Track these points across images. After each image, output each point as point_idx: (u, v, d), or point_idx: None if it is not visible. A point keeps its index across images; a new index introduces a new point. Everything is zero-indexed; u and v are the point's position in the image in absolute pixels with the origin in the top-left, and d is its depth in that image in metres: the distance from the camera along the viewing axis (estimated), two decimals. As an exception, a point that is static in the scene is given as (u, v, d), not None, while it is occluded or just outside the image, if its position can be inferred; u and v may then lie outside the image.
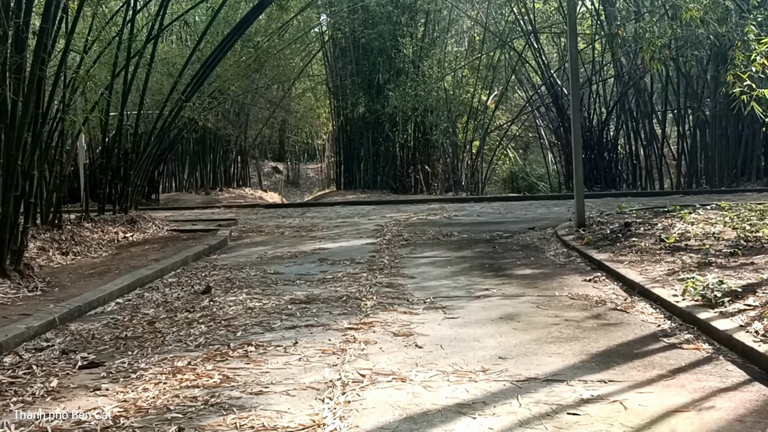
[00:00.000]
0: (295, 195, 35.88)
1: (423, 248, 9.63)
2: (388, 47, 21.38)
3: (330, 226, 12.87)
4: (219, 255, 9.72)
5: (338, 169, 24.78)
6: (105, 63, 12.08)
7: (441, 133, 21.59)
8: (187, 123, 19.01)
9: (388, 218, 13.78)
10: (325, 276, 7.59)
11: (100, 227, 11.35)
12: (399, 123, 22.19)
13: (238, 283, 7.32)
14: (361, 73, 22.05)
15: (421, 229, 11.76)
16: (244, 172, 28.80)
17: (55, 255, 9.76)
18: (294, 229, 12.50)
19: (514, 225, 11.86)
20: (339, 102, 23.20)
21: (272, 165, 39.86)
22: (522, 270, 7.79)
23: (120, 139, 11.96)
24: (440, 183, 22.39)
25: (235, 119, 25.55)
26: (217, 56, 12.75)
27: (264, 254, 9.51)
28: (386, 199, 18.76)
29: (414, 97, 20.96)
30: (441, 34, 22.55)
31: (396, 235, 11.06)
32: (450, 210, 15.08)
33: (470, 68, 22.38)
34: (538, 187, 24.97)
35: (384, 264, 8.27)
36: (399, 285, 6.98)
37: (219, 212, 16.35)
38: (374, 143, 22.50)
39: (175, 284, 7.46)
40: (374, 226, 12.42)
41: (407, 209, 15.65)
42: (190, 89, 12.64)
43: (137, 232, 11.63)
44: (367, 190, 22.02)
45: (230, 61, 16.94)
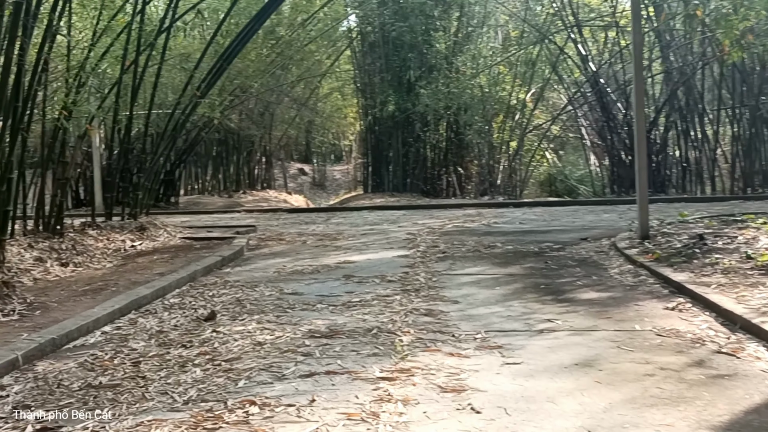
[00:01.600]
0: (321, 197, 34.84)
1: (463, 263, 8.44)
2: (419, 42, 20.20)
3: (356, 234, 11.72)
4: (232, 268, 8.61)
5: (366, 171, 23.63)
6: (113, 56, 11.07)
7: (475, 133, 20.36)
8: (207, 123, 18.00)
9: (420, 225, 12.61)
10: (351, 298, 6.43)
11: (105, 235, 10.31)
12: (431, 122, 21.00)
13: (249, 307, 6.19)
14: (390, 69, 20.89)
15: (459, 238, 10.56)
16: (269, 174, 27.78)
17: (54, 266, 8.75)
18: (317, 237, 11.37)
19: (563, 234, 10.63)
20: (367, 100, 22.05)
21: (298, 166, 38.89)
22: (586, 293, 6.57)
23: (129, 139, 10.92)
24: (474, 186, 21.15)
25: (260, 119, 24.52)
26: (236, 48, 11.67)
27: (282, 268, 8.37)
28: (417, 203, 17.57)
29: (447, 95, 19.75)
30: (476, 28, 21.32)
31: (431, 245, 9.88)
32: (488, 216, 13.86)
33: (507, 64, 21.12)
34: (578, 191, 23.64)
35: (420, 283, 7.09)
36: (440, 312, 5.79)
37: (238, 217, 15.27)
38: (404, 144, 21.31)
39: (176, 307, 6.34)
40: (405, 235, 11.25)
41: (441, 215, 14.45)
42: (206, 85, 11.56)
43: (146, 240, 10.57)
44: (397, 193, 20.83)
45: (252, 56, 15.88)
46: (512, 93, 20.64)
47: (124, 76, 10.71)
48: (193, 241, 10.76)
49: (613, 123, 19.03)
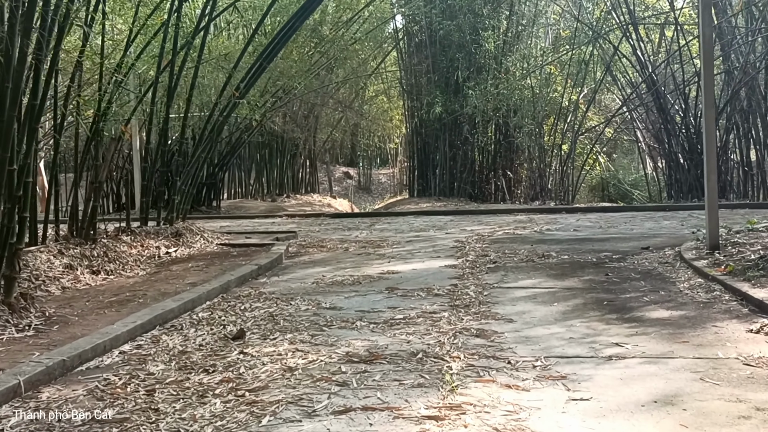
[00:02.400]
0: (366, 201, 34.39)
1: (516, 274, 7.80)
2: (467, 41, 19.58)
3: (401, 241, 11.15)
4: (269, 278, 8.10)
5: (411, 174, 23.07)
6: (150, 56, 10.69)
7: (525, 136, 19.64)
8: (250, 125, 17.62)
9: (468, 232, 12.00)
10: (395, 315, 5.85)
11: (140, 241, 9.89)
12: (479, 124, 20.34)
13: (283, 324, 5.65)
14: (438, 70, 20.30)
15: (510, 247, 9.92)
16: (313, 178, 27.38)
17: (84, 274, 8.37)
18: (360, 244, 10.83)
19: (621, 243, 9.92)
20: (413, 102, 21.50)
21: (343, 170, 38.54)
22: (655, 311, 5.89)
23: (165, 142, 10.50)
24: (524, 191, 20.44)
25: (304, 122, 24.12)
26: (276, 47, 11.19)
27: (321, 278, 7.83)
28: (465, 208, 16.94)
29: (496, 96, 19.11)
30: (526, 27, 20.61)
31: (480, 254, 9.26)
32: (540, 223, 13.17)
33: (558, 64, 20.36)
34: (631, 195, 22.81)
35: (470, 298, 6.48)
36: (493, 333, 5.18)
37: (279, 222, 14.82)
38: (451, 147, 20.71)
39: (204, 322, 5.83)
40: (453, 242, 10.65)
41: (490, 221, 13.82)
42: (246, 85, 11.10)
43: (182, 246, 10.14)
44: (443, 197, 20.23)
45: (294, 56, 15.42)
46: (564, 94, 19.88)
47: (160, 77, 10.29)
48: (230, 248, 10.31)
49: (670, 125, 18.17)
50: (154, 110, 10.30)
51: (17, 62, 5.15)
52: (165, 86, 10.50)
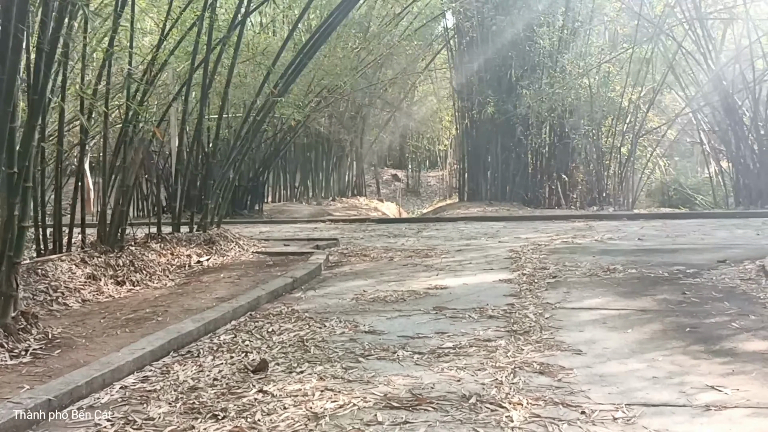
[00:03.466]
0: (414, 204, 33.64)
1: (580, 291, 6.94)
2: (521, 39, 18.67)
3: (451, 250, 10.33)
4: (305, 292, 7.37)
5: (461, 177, 22.21)
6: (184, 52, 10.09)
7: (582, 138, 18.64)
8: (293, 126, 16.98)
9: (523, 240, 11.13)
10: (443, 342, 5.05)
11: (170, 249, 9.26)
12: (532, 126, 19.40)
13: (313, 352, 4.89)
14: (490, 68, 19.43)
15: (570, 258, 9.04)
16: (360, 180, 26.70)
17: (107, 285, 7.77)
18: (406, 253, 10.05)
19: (694, 255, 8.97)
20: (464, 102, 20.63)
21: (391, 172, 37.84)
22: (749, 340, 4.99)
23: (198, 143, 9.85)
24: (580, 195, 19.42)
25: (351, 123, 23.45)
26: (317, 41, 10.47)
27: (362, 294, 7.07)
28: (518, 214, 16.04)
29: (551, 96, 18.15)
30: (583, 23, 19.59)
31: (538, 267, 8.40)
32: (600, 231, 12.23)
33: (617, 62, 19.31)
34: (694, 201, 21.59)
35: (529, 321, 5.64)
36: (560, 370, 4.35)
37: (322, 228, 14.11)
38: (503, 149, 19.80)
39: (225, 348, 5.11)
40: (507, 252, 9.81)
41: (546, 228, 12.92)
42: (285, 82, 10.40)
43: (215, 255, 9.48)
44: (495, 202, 19.33)
45: (339, 53, 14.70)
46: (623, 94, 18.82)
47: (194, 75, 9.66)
48: (267, 257, 9.62)
49: (738, 127, 17.01)
50: (186, 109, 9.66)
51: (11, 51, 4.48)
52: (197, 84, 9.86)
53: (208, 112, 11.73)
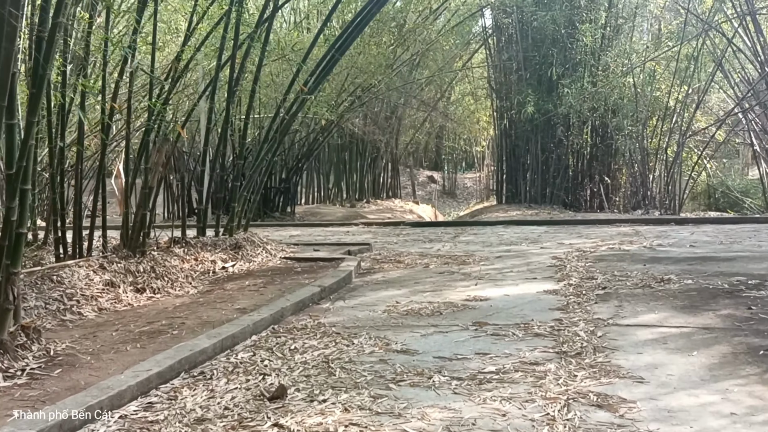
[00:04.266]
0: (450, 206, 33.08)
1: (634, 305, 6.33)
2: (562, 36, 18.00)
3: (490, 256, 9.76)
4: (333, 303, 6.86)
5: (499, 179, 21.57)
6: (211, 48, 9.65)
7: (626, 138, 17.91)
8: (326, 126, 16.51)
9: (566, 246, 10.52)
10: (484, 365, 4.50)
11: (194, 254, 8.83)
12: (573, 126, 18.71)
13: (339, 375, 4.37)
14: (529, 66, 18.78)
15: (619, 266, 8.42)
16: (395, 182, 26.18)
17: (126, 292, 7.36)
18: (442, 259, 9.50)
19: (753, 264, 8.29)
20: (503, 102, 20.00)
21: (427, 174, 37.32)
22: (838, 370, 4.36)
23: (224, 143, 9.39)
24: (623, 198, 18.69)
25: (386, 123, 22.94)
26: (350, 36, 9.95)
27: (394, 305, 6.54)
28: (560, 218, 15.38)
29: (593, 95, 17.46)
30: (627, 20, 18.85)
31: (585, 276, 7.79)
32: (648, 236, 11.56)
33: (663, 60, 18.54)
34: (742, 204, 20.70)
35: (580, 340, 5.06)
36: (620, 402, 3.78)
37: (354, 232, 13.61)
38: (543, 150, 19.14)
39: (241, 369, 4.61)
40: (550, 260, 9.21)
41: (590, 233, 12.28)
42: (315, 79, 9.91)
43: (241, 260, 9.01)
44: (534, 205, 18.68)
45: (373, 50, 14.18)
46: (670, 93, 18.05)
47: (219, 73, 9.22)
48: (295, 263, 9.13)
49: (793, 126, 16.18)
50: (213, 109, 9.21)
51: (5, 39, 4.03)
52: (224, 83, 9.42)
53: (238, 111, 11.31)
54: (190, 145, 16.59)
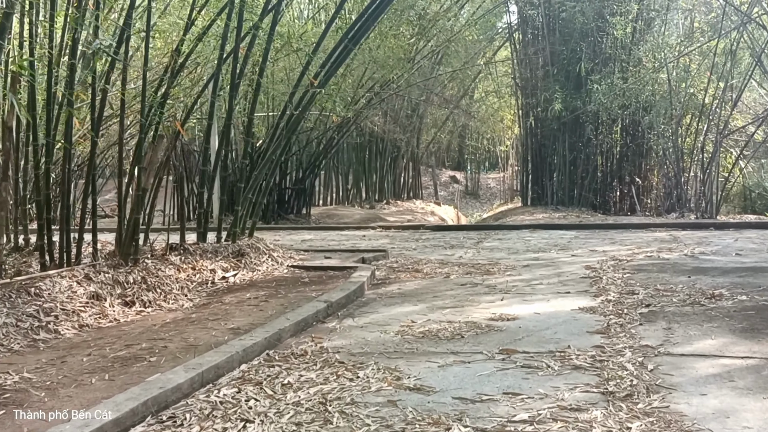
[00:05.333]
0: (473, 207, 32.25)
1: (685, 327, 5.48)
2: (592, 29, 17.09)
3: (516, 265, 8.94)
4: (341, 321, 6.08)
5: (524, 180, 20.69)
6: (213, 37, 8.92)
7: (659, 137, 16.97)
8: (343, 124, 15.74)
9: (599, 254, 9.68)
10: (514, 411, 3.68)
11: (191, 262, 8.08)
12: (603, 124, 17.80)
13: (336, 422, 3.58)
14: (557, 61, 17.90)
15: (660, 278, 7.57)
16: (416, 182, 25.38)
17: (114, 306, 6.68)
18: (464, 268, 8.69)
19: (813, 277, 7.41)
20: (528, 99, 19.11)
21: (450, 174, 36.51)
22: None
23: (227, 141, 8.63)
24: (656, 200, 17.75)
25: (406, 122, 22.15)
26: (365, 24, 9.15)
27: (409, 325, 5.74)
28: (590, 221, 14.49)
29: (624, 91, 16.55)
30: (660, 12, 17.90)
31: (624, 290, 6.95)
32: (688, 243, 10.68)
33: (699, 54, 17.57)
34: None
35: (629, 376, 4.23)
36: (693, 472, 2.95)
37: (371, 236, 12.83)
38: (571, 149, 18.24)
39: (219, 412, 3.82)
40: (583, 269, 8.38)
41: (624, 239, 11.42)
42: (326, 71, 9.13)
43: (244, 269, 8.25)
44: (562, 207, 17.79)
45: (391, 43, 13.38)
46: (706, 89, 17.07)
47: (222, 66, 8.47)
48: (303, 272, 8.36)
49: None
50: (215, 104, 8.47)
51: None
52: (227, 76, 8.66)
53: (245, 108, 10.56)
54: (202, 144, 15.90)
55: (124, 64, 7.78)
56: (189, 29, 8.55)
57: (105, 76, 7.64)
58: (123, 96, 7.82)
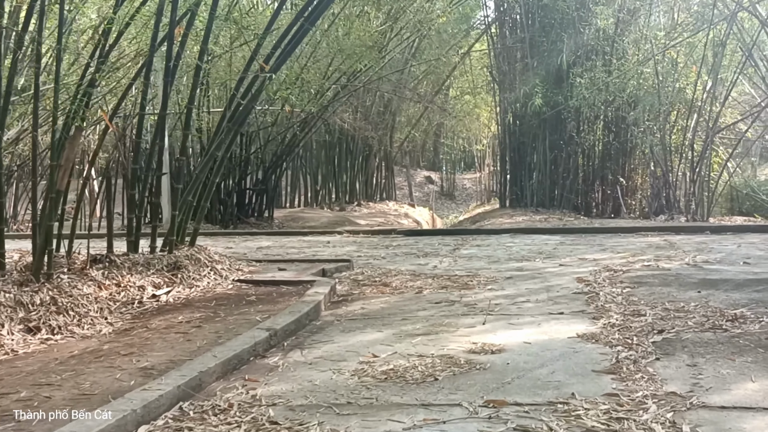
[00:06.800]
0: (449, 209, 31.20)
1: (713, 361, 4.37)
2: (573, 19, 16.04)
3: (498, 277, 7.82)
4: (285, 355, 4.91)
5: (502, 180, 19.61)
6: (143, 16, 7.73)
7: (645, 134, 15.97)
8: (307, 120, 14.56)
9: (591, 263, 8.60)
10: None
11: (116, 277, 6.85)
12: (585, 120, 16.77)
13: None
14: (536, 54, 16.85)
15: (666, 293, 6.49)
16: (389, 183, 24.24)
17: (13, 333, 5.61)
18: (439, 281, 7.56)
19: None
20: (506, 93, 18.02)
21: (425, 174, 35.45)
22: None
23: (161, 135, 7.43)
24: (641, 202, 16.74)
25: (379, 119, 21.01)
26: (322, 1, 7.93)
27: (370, 362, 4.58)
28: (574, 225, 13.42)
29: (608, 85, 15.53)
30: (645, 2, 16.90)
31: (628, 310, 5.84)
32: (686, 249, 9.64)
33: (686, 47, 16.59)
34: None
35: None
36: None
37: (336, 242, 11.67)
38: (552, 147, 17.18)
39: None
40: (575, 282, 7.29)
41: (614, 245, 10.36)
42: (280, 55, 7.94)
43: (180, 285, 7.05)
44: (542, 209, 16.73)
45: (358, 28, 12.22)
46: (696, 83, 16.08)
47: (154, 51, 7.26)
48: (251, 287, 7.18)
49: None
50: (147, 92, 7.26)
51: None
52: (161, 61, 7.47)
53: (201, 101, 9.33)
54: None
55: (37, 47, 6.58)
56: (119, 6, 7.37)
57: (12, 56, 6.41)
58: (37, 83, 6.60)
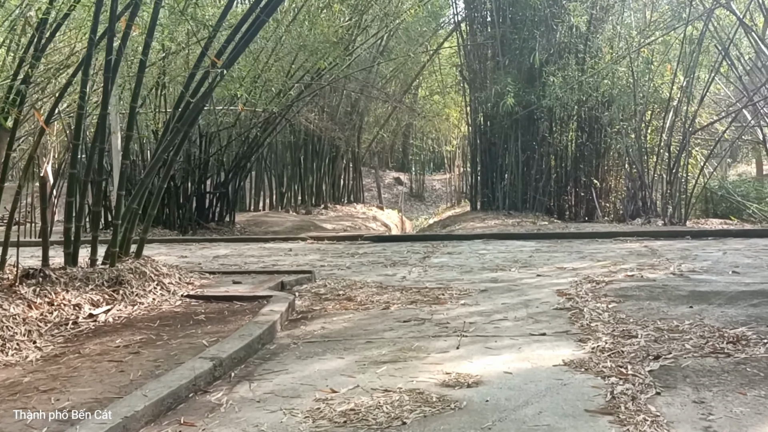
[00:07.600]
0: (418, 210, 30.65)
1: (722, 396, 3.81)
2: (546, 16, 15.53)
3: (472, 290, 7.22)
4: (230, 391, 4.25)
5: (473, 182, 19.06)
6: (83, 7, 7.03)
7: (619, 134, 15.51)
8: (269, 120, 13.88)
9: (570, 273, 8.05)
10: None
11: (49, 294, 6.13)
12: (558, 121, 16.28)
13: None
14: (508, 51, 16.33)
15: (655, 309, 5.95)
16: (357, 185, 23.61)
17: (-77, 362, 4.75)
18: (408, 295, 6.95)
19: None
20: (477, 93, 17.47)
21: (394, 175, 34.87)
22: None
23: (102, 137, 6.71)
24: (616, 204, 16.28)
25: (346, 120, 20.38)
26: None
27: (328, 400, 3.94)
28: (549, 230, 12.87)
29: (581, 84, 15.05)
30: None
31: (617, 331, 5.27)
32: (669, 256, 9.13)
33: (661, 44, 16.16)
34: (745, 209, 18.43)
35: None
36: None
37: (299, 249, 11.02)
38: (524, 148, 16.66)
39: None
40: (555, 295, 6.73)
41: (593, 252, 9.82)
42: (234, 48, 7.27)
43: (121, 302, 6.34)
44: (514, 212, 16.20)
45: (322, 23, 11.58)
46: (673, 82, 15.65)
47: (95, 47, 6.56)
48: (201, 304, 6.51)
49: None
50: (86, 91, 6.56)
51: None
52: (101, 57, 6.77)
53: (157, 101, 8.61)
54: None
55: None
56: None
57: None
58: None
